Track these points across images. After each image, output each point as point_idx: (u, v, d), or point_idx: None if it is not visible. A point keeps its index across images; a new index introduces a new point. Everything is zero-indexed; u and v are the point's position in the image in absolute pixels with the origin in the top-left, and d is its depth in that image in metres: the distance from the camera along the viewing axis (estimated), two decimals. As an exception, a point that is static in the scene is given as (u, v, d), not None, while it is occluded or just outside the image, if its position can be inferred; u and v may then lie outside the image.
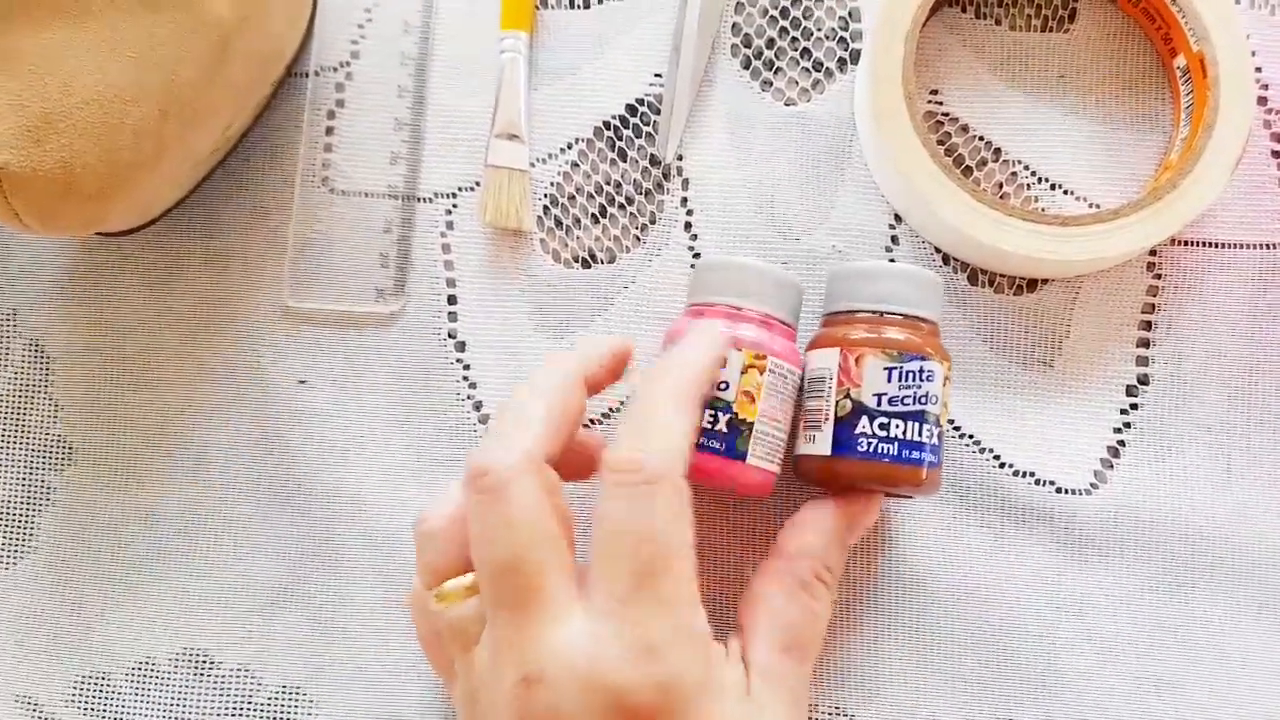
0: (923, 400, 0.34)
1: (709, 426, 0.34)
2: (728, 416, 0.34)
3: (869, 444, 0.34)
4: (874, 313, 0.35)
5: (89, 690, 0.39)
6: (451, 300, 0.41)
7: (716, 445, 0.34)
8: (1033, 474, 0.39)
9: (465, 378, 0.40)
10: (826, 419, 0.34)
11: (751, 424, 0.34)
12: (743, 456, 0.34)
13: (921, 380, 0.34)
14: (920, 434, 0.34)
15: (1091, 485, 0.39)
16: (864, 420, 0.34)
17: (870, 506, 0.35)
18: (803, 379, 0.36)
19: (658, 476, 0.29)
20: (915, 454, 0.34)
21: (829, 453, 0.34)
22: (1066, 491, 0.39)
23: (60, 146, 0.33)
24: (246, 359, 0.41)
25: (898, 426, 0.34)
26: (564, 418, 0.31)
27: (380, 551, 0.39)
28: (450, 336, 0.41)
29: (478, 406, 0.40)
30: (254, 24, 0.37)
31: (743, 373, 0.34)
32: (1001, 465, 0.39)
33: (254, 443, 0.40)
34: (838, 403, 0.34)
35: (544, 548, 0.29)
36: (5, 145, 0.32)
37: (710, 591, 0.38)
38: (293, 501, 0.40)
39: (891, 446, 0.34)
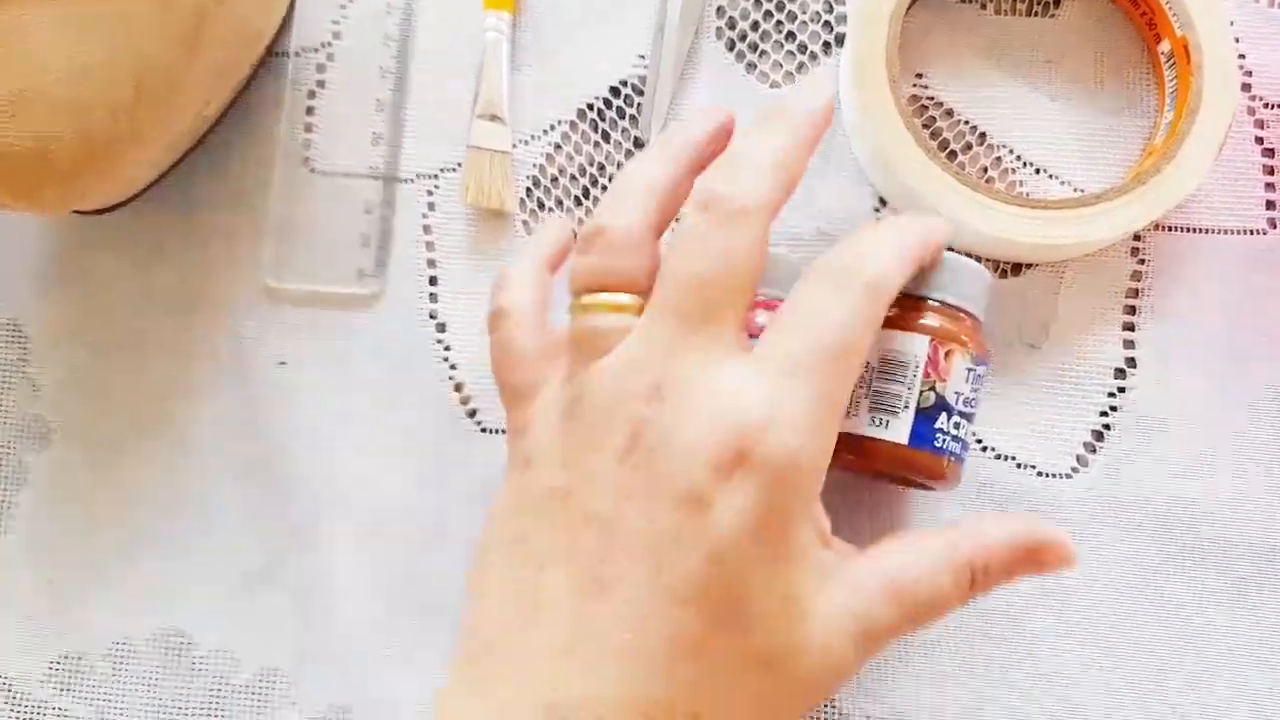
0: (977, 404, 0.35)
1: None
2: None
3: (943, 440, 0.34)
4: (956, 308, 0.35)
5: (65, 669, 0.39)
6: (433, 281, 0.41)
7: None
8: (1014, 458, 0.39)
9: (446, 359, 0.40)
10: (907, 407, 0.34)
11: None
12: None
13: (982, 385, 0.35)
14: (969, 435, 0.35)
15: (1073, 469, 0.39)
16: (943, 416, 0.34)
17: (1067, 559, 0.31)
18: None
19: (872, 286, 0.29)
20: (965, 454, 0.35)
21: (905, 442, 0.33)
22: (1048, 475, 0.39)
23: (34, 123, 0.33)
24: (227, 339, 0.41)
25: (964, 427, 0.34)
26: (789, 179, 0.30)
27: (361, 532, 0.39)
28: (431, 317, 0.41)
29: (459, 388, 0.40)
30: (230, 2, 0.37)
31: None
32: (984, 449, 0.39)
33: (234, 423, 0.40)
34: (922, 393, 0.34)
35: (746, 286, 0.29)
36: (-20, 120, 0.32)
37: None
38: (273, 482, 0.40)
39: (957, 446, 0.34)
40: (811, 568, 0.28)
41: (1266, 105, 0.41)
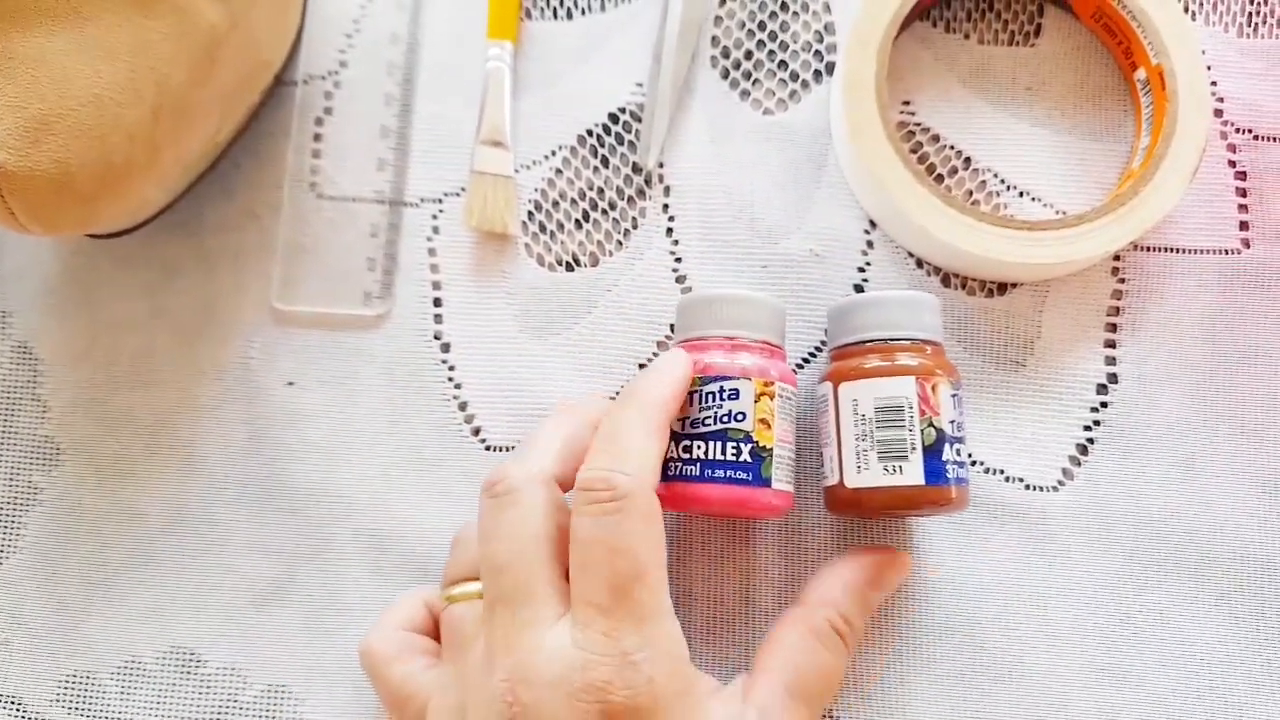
0: (965, 425, 0.35)
1: (733, 458, 0.34)
2: (750, 446, 0.34)
3: (953, 470, 0.34)
4: (924, 341, 0.36)
5: (75, 689, 0.39)
6: (437, 303, 0.42)
7: (744, 475, 0.34)
8: (1002, 471, 0.40)
9: (451, 378, 0.41)
10: (914, 448, 0.34)
11: (772, 449, 0.34)
12: (768, 482, 0.34)
13: (964, 405, 0.35)
14: (967, 456, 0.35)
15: (1059, 482, 0.40)
16: (947, 448, 0.34)
17: (900, 566, 0.36)
18: (844, 410, 0.36)
19: (628, 494, 0.30)
20: (968, 474, 0.35)
21: (922, 482, 0.34)
22: (1035, 488, 0.40)
23: (57, 147, 0.33)
24: (236, 361, 0.41)
25: (963, 451, 0.35)
26: (574, 450, 0.34)
27: (369, 549, 0.40)
28: (436, 338, 0.41)
29: (463, 406, 0.41)
30: (242, 30, 0.38)
31: (756, 401, 0.34)
32: (973, 463, 0.40)
33: (243, 443, 0.41)
34: (923, 431, 0.34)
35: (541, 552, 0.31)
36: (3, 146, 0.32)
37: (715, 623, 0.39)
38: (281, 501, 0.40)
39: (964, 471, 0.35)
40: None
41: (1238, 130, 0.42)
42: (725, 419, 0.34)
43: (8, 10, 0.33)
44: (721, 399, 0.34)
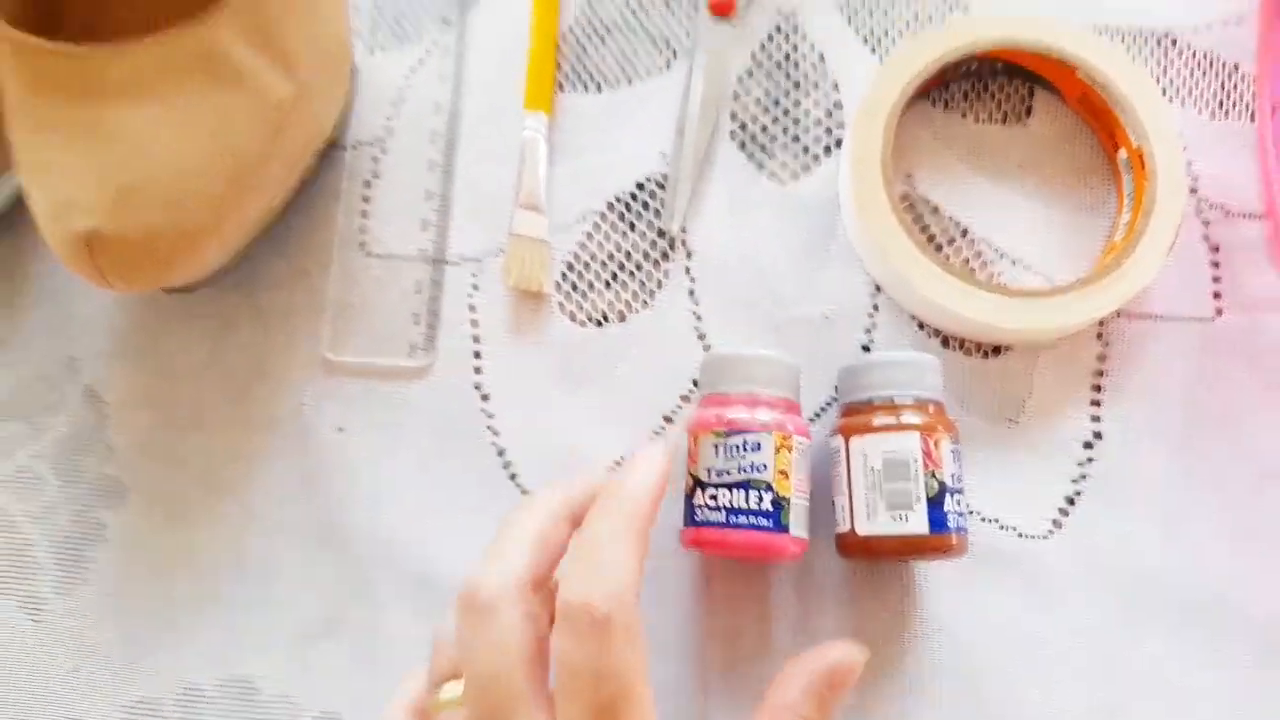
0: (964, 476, 0.37)
1: (756, 507, 0.36)
2: (770, 495, 0.37)
3: (954, 519, 0.37)
4: (928, 400, 0.38)
5: (139, 714, 0.41)
6: (477, 355, 0.44)
7: (765, 523, 0.36)
8: (997, 520, 0.42)
9: (490, 427, 0.43)
10: (919, 500, 0.37)
11: (789, 499, 0.37)
12: (787, 529, 0.37)
13: (962, 458, 0.37)
14: (966, 506, 0.37)
15: (1049, 531, 0.42)
16: (949, 498, 0.37)
17: (854, 667, 0.34)
18: (854, 462, 0.38)
19: (607, 616, 0.29)
20: (967, 522, 0.38)
21: (927, 531, 0.36)
22: (1027, 536, 0.41)
23: (142, 214, 0.36)
24: (289, 408, 0.43)
25: (962, 501, 0.37)
26: (548, 546, 0.33)
27: (413, 588, 0.41)
28: (476, 389, 0.43)
29: (501, 453, 0.43)
30: (306, 102, 0.40)
31: (776, 453, 0.37)
32: (971, 512, 0.42)
33: (295, 486, 0.42)
34: (927, 484, 0.37)
35: (521, 671, 0.30)
36: (96, 211, 0.35)
37: (733, 660, 0.41)
38: (331, 542, 0.42)
39: (963, 520, 0.37)
40: None
41: (1212, 206, 0.45)
42: (748, 470, 0.37)
43: (100, 86, 0.36)
44: (745, 451, 0.37)
